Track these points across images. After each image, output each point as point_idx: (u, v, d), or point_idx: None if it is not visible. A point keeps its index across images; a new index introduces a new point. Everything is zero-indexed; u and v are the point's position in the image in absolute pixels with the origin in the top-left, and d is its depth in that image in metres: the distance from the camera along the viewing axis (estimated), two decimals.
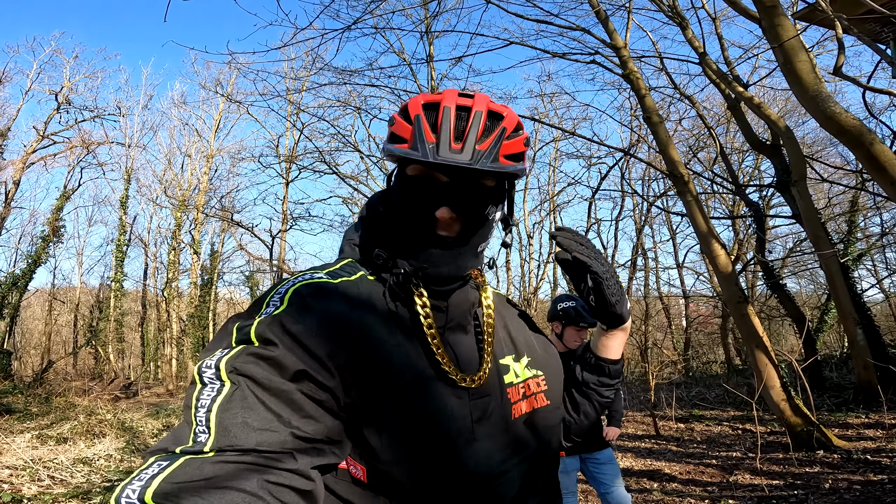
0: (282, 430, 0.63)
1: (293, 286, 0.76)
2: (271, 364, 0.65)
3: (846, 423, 6.54)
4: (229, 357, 0.66)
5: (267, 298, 0.75)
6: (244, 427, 0.61)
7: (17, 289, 15.89)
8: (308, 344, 0.68)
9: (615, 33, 6.92)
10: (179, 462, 0.58)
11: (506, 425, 0.85)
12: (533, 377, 0.95)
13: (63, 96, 18.59)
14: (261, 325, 0.69)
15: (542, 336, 1.07)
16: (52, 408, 9.40)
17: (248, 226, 18.80)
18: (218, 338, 0.71)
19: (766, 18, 4.03)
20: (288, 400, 0.65)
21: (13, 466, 4.90)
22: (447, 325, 0.85)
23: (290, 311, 0.71)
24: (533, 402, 0.92)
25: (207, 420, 0.61)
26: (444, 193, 0.81)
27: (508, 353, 0.95)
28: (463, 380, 0.81)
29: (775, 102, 12.96)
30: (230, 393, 0.63)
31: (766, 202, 13.10)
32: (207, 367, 0.66)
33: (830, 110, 3.62)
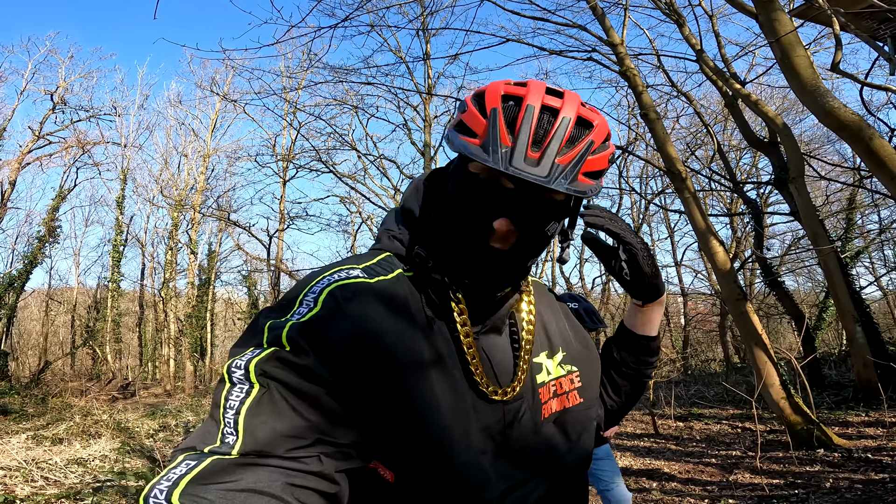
0: (309, 435, 0.62)
1: (328, 287, 0.72)
2: (302, 371, 0.64)
3: (846, 422, 6.52)
4: (259, 359, 0.64)
5: (300, 295, 0.72)
6: (272, 432, 0.60)
7: (13, 289, 15.83)
8: (341, 353, 0.66)
9: (612, 30, 6.89)
10: (207, 462, 0.58)
11: (535, 427, 0.82)
12: (566, 374, 0.91)
13: (58, 96, 18.53)
14: (293, 329, 0.66)
15: (579, 327, 1.01)
16: (48, 408, 9.37)
17: (246, 225, 18.80)
18: (248, 334, 0.69)
19: (763, 13, 4.00)
20: (317, 405, 0.64)
21: (7, 467, 4.87)
22: (482, 329, 0.81)
23: (324, 315, 0.68)
24: (564, 400, 0.88)
25: (236, 422, 0.61)
26: (506, 202, 0.72)
27: (542, 349, 0.90)
28: (495, 392, 0.77)
29: (772, 100, 12.94)
30: (259, 396, 0.62)
31: (763, 199, 13.09)
32: (237, 366, 0.65)
33: (829, 105, 3.59)
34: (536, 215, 0.74)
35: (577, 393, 0.91)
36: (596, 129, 0.74)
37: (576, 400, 0.90)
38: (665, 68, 8.81)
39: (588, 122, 0.74)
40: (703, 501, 4.44)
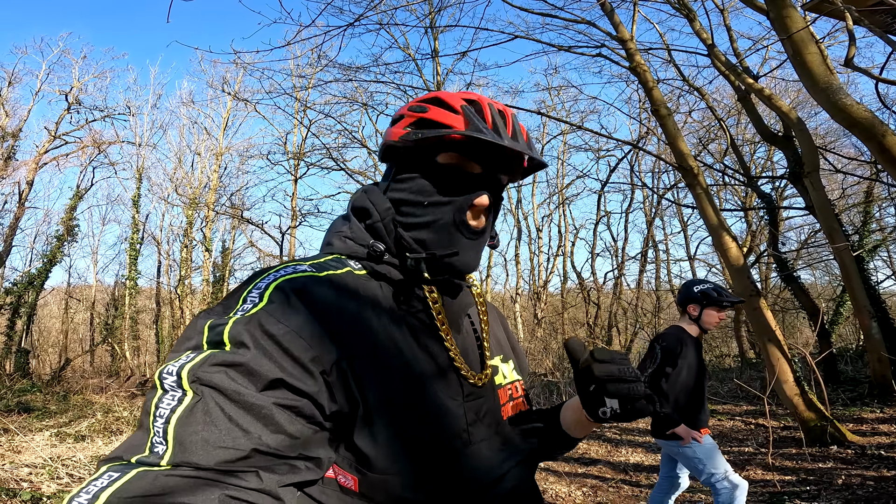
0: (247, 446, 0.57)
1: (275, 280, 0.69)
2: (242, 372, 0.60)
3: (860, 418, 6.47)
4: (193, 364, 0.60)
5: (244, 293, 0.68)
6: (204, 444, 0.56)
7: (33, 288, 16.12)
8: (290, 347, 0.62)
9: (621, 25, 6.86)
10: (132, 474, 0.53)
11: (497, 427, 0.83)
12: (518, 380, 0.95)
13: (73, 96, 18.76)
14: (236, 325, 0.62)
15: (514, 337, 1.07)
16: (70, 406, 9.56)
17: (258, 223, 18.94)
18: (186, 336, 0.65)
19: (773, 10, 3.98)
20: (257, 413, 0.59)
21: (32, 465, 5.00)
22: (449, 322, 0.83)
23: (271, 308, 0.65)
24: (518, 405, 0.92)
25: (165, 432, 0.57)
26: (479, 182, 0.81)
27: (497, 353, 0.93)
28: (473, 375, 0.80)
29: (786, 94, 12.79)
30: (191, 405, 0.58)
31: (778, 193, 12.96)
32: (169, 372, 0.60)
33: (841, 102, 3.57)
34: (499, 192, 0.84)
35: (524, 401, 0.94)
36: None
37: (525, 406, 0.94)
38: (676, 63, 8.74)
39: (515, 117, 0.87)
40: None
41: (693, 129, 13.33)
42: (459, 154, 0.81)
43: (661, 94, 6.83)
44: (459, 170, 0.81)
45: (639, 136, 14.67)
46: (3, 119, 17.60)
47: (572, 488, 4.89)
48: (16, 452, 5.66)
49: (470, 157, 0.81)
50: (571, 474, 5.46)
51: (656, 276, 18.00)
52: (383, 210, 0.82)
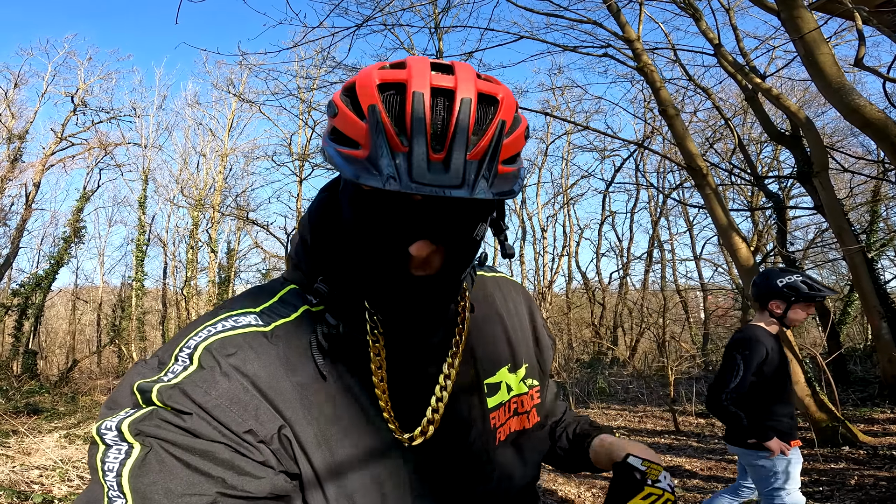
0: (212, 490, 0.54)
1: (207, 340, 0.62)
2: (185, 430, 0.56)
3: (871, 419, 6.45)
4: (133, 419, 0.56)
5: (176, 350, 0.62)
6: (167, 493, 0.53)
7: (40, 289, 16.19)
8: (221, 418, 0.57)
9: (627, 25, 6.84)
10: None
11: (487, 455, 0.75)
12: (528, 391, 0.84)
13: (79, 98, 18.83)
14: (161, 394, 0.57)
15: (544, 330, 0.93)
16: (78, 407, 9.61)
17: (264, 224, 19.01)
18: (122, 392, 0.60)
19: (784, 10, 3.96)
20: (214, 458, 0.55)
21: (43, 466, 5.02)
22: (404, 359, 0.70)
23: (198, 377, 0.59)
24: (524, 420, 0.82)
25: (120, 485, 0.53)
26: (419, 220, 0.58)
27: (504, 363, 0.81)
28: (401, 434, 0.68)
29: (793, 93, 12.74)
30: (142, 456, 0.54)
31: (785, 193, 12.90)
32: (108, 428, 0.56)
33: (855, 103, 3.55)
34: (459, 224, 0.60)
35: (536, 411, 0.85)
36: (503, 104, 0.59)
37: (535, 419, 0.85)
38: (682, 62, 8.71)
39: (492, 98, 0.59)
40: None
41: (699, 129, 13.29)
42: None
43: (668, 94, 6.81)
44: (393, 199, 0.58)
45: (644, 135, 14.64)
46: (9, 121, 17.69)
47: (581, 489, 4.88)
48: (25, 454, 5.68)
49: None
50: (581, 475, 5.45)
51: (662, 276, 17.96)
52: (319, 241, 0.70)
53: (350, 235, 0.64)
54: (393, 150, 0.54)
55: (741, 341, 2.69)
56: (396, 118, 0.55)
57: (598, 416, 8.55)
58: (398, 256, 0.60)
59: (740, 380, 2.60)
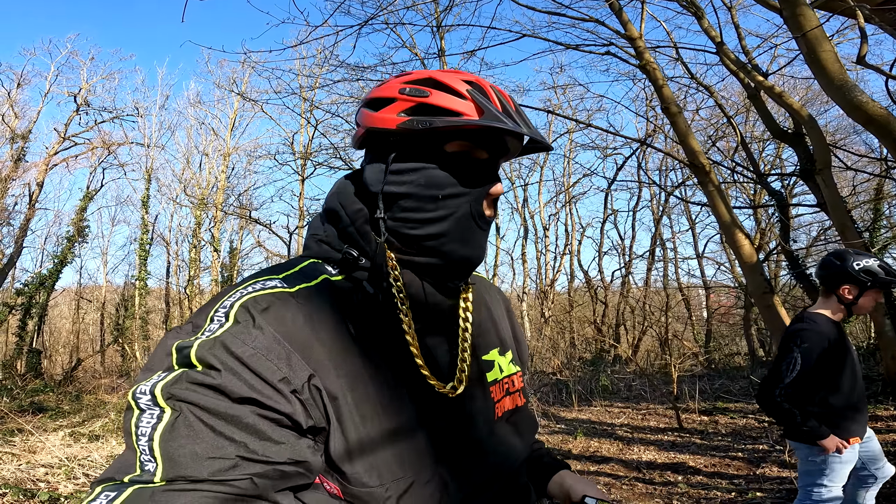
0: (234, 454, 0.57)
1: (241, 299, 0.67)
2: (215, 391, 0.59)
3: (875, 416, 6.44)
4: (166, 382, 0.60)
5: (211, 312, 0.67)
6: (194, 457, 0.56)
7: (44, 289, 16.25)
8: (257, 368, 0.61)
9: (629, 24, 6.85)
10: (127, 493, 0.53)
11: (490, 426, 0.81)
12: (516, 373, 0.92)
13: (82, 98, 18.89)
14: (201, 347, 0.61)
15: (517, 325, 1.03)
16: (83, 405, 9.64)
17: (266, 223, 19.03)
18: (157, 356, 0.64)
19: (787, 8, 3.96)
20: (238, 423, 0.59)
21: (48, 465, 5.05)
22: (427, 326, 0.79)
23: (236, 330, 0.64)
24: (516, 398, 0.89)
25: (151, 449, 0.56)
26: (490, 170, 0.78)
27: (494, 346, 0.89)
28: (442, 386, 0.75)
29: (796, 91, 12.72)
30: (172, 420, 0.57)
31: (788, 190, 12.89)
32: (142, 392, 0.60)
33: (857, 100, 3.56)
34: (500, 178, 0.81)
35: (521, 393, 0.92)
36: None
37: (522, 400, 0.91)
38: (684, 60, 8.71)
39: None
40: (730, 494, 4.45)
41: (701, 127, 13.28)
42: (470, 142, 0.76)
43: (670, 91, 6.82)
44: (470, 158, 0.77)
45: (646, 133, 14.63)
46: (12, 121, 17.75)
47: None
48: (31, 452, 5.71)
49: (479, 144, 0.76)
50: (583, 472, 5.46)
51: (664, 275, 17.94)
52: (353, 212, 0.78)
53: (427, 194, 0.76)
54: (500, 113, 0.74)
55: (799, 332, 2.48)
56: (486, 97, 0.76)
57: (601, 413, 8.56)
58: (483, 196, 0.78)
59: (797, 375, 2.41)
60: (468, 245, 0.77)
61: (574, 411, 8.75)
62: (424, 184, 0.75)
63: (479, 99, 0.74)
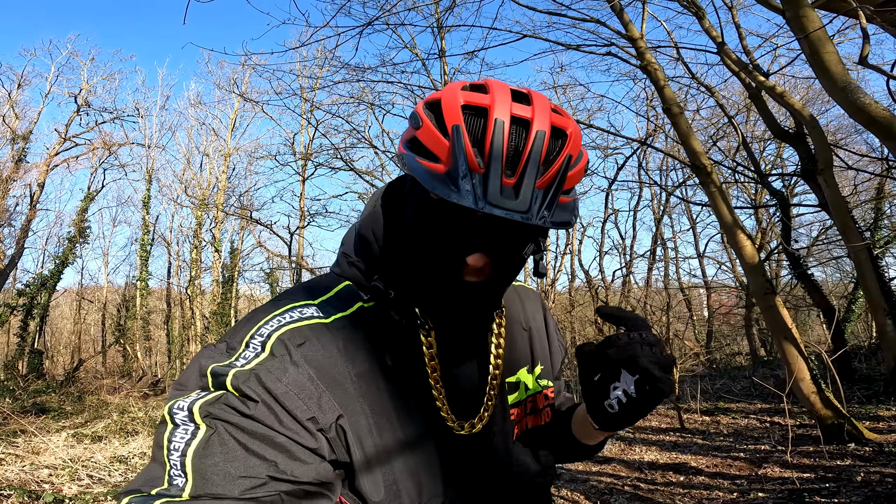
0: (265, 473, 0.58)
1: (278, 330, 0.67)
2: (250, 417, 0.60)
3: (877, 416, 6.45)
4: (205, 401, 0.60)
5: (247, 337, 0.67)
6: (225, 475, 0.56)
7: (45, 289, 16.27)
8: (288, 406, 0.62)
9: (630, 24, 6.84)
10: None
11: (507, 449, 0.80)
12: (542, 390, 0.88)
13: (82, 98, 18.91)
14: (237, 378, 0.61)
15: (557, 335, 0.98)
16: (85, 406, 9.67)
17: (267, 223, 19.03)
18: (192, 375, 0.65)
19: (790, 9, 3.96)
20: (271, 443, 0.60)
21: (52, 466, 5.07)
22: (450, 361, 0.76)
23: (272, 365, 0.63)
24: (538, 418, 0.87)
25: (183, 465, 0.57)
26: (479, 234, 0.63)
27: (523, 364, 0.86)
28: (461, 427, 0.74)
29: (797, 90, 12.71)
30: (206, 437, 0.58)
31: (789, 190, 12.89)
32: (179, 408, 0.61)
33: (860, 101, 3.55)
34: (512, 242, 0.66)
35: (550, 409, 0.89)
36: (571, 138, 0.64)
37: (548, 416, 0.89)
38: (685, 60, 8.71)
39: (562, 132, 0.64)
40: (731, 495, 4.45)
41: (702, 127, 13.28)
42: None
43: (672, 92, 6.81)
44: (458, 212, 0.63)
45: (647, 133, 14.62)
46: (13, 121, 17.76)
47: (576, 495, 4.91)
48: (34, 454, 5.72)
49: None
50: (585, 472, 5.47)
51: (665, 274, 17.95)
52: (383, 246, 0.74)
53: (410, 237, 0.69)
54: (470, 170, 0.59)
55: None
56: (477, 140, 0.61)
57: None
58: (455, 263, 0.65)
59: None
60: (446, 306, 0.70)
61: None
62: (411, 225, 0.69)
63: (457, 145, 0.60)
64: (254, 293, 23.82)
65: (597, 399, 0.72)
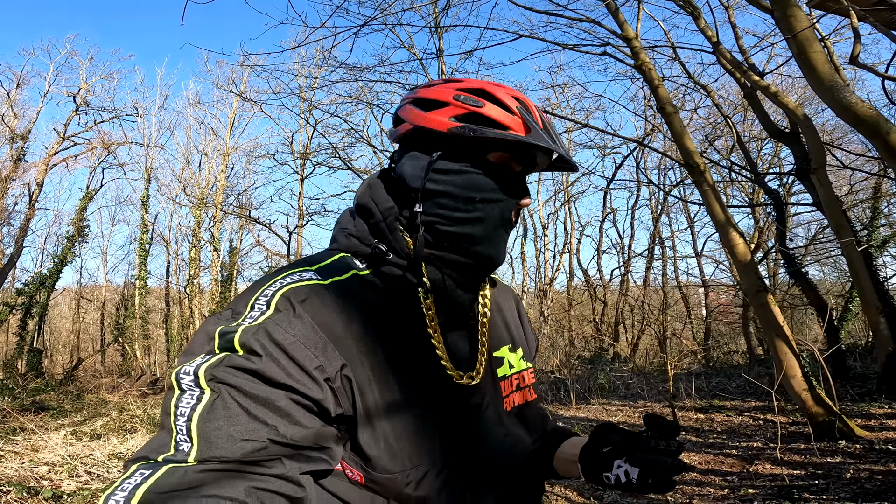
0: (266, 437, 0.61)
1: (281, 289, 0.72)
2: (255, 375, 0.63)
3: (869, 413, 6.49)
4: (209, 365, 0.63)
5: (252, 300, 0.71)
6: (228, 438, 0.59)
7: (44, 288, 16.29)
8: (296, 356, 0.65)
9: (626, 24, 6.88)
10: (162, 471, 0.56)
11: (499, 419, 0.85)
12: (526, 369, 0.96)
13: (81, 98, 18.91)
14: (245, 333, 0.65)
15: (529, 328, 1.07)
16: (84, 405, 9.69)
17: (266, 222, 19.08)
18: (198, 340, 0.68)
19: (778, 9, 4.01)
20: (273, 407, 0.63)
21: (51, 463, 5.11)
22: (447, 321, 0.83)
23: (278, 318, 0.68)
24: (526, 394, 0.93)
25: (188, 429, 0.60)
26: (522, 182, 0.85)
27: (505, 343, 0.93)
28: (461, 377, 0.80)
29: (793, 90, 12.75)
30: (210, 401, 0.61)
31: (786, 189, 12.92)
32: (186, 373, 0.64)
33: (847, 100, 3.60)
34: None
35: (533, 388, 0.96)
36: None
37: (532, 395, 0.95)
38: (681, 60, 8.75)
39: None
40: (723, 491, 4.50)
41: (699, 126, 13.33)
42: (509, 154, 0.82)
43: (666, 91, 6.85)
44: (507, 169, 0.83)
45: (644, 132, 14.67)
46: (12, 121, 17.79)
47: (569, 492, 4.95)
48: (34, 451, 5.76)
49: (516, 158, 0.83)
50: None
51: (663, 273, 17.99)
52: (385, 209, 0.82)
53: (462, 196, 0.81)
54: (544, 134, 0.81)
55: None
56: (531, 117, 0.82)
57: (599, 411, 8.61)
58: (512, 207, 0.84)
59: None
60: (495, 247, 0.83)
61: (572, 409, 8.80)
62: (465, 185, 0.80)
63: (526, 117, 0.80)
64: None
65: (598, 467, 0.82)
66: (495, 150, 0.81)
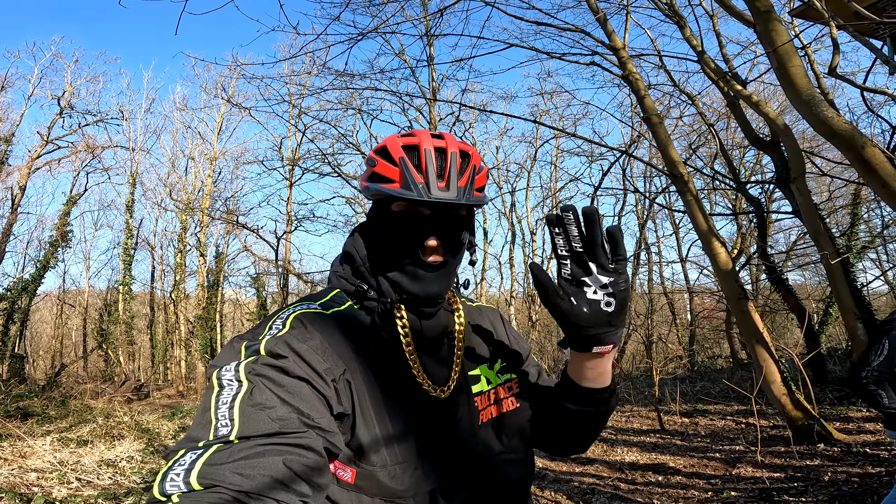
0: (296, 417, 0.73)
1: (294, 313, 0.88)
2: (281, 370, 0.77)
3: (847, 417, 6.66)
4: (247, 363, 0.77)
5: (270, 323, 0.87)
6: (266, 418, 0.71)
7: (26, 293, 16.09)
8: (309, 360, 0.80)
9: (614, 34, 7.03)
10: (213, 449, 0.66)
11: (472, 430, 0.95)
12: (504, 382, 1.04)
13: (65, 101, 18.75)
14: (269, 342, 0.80)
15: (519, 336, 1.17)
16: (69, 411, 9.58)
17: (254, 228, 18.96)
18: (226, 354, 0.82)
19: (760, 23, 4.14)
20: (298, 394, 0.75)
21: (40, 469, 5.07)
22: (423, 345, 0.96)
23: (293, 333, 0.84)
24: (501, 406, 1.01)
25: (231, 415, 0.71)
26: (429, 225, 0.92)
27: (482, 362, 1.03)
28: (434, 390, 0.92)
29: (775, 97, 13.02)
30: (249, 389, 0.74)
31: (768, 196, 13.17)
32: (227, 370, 0.77)
33: (823, 114, 3.73)
34: (452, 229, 0.94)
35: (514, 398, 1.04)
36: (473, 155, 0.95)
37: (513, 405, 1.03)
38: (667, 68, 8.93)
39: (466, 153, 0.95)
40: (706, 494, 4.60)
41: (683, 133, 13.54)
42: (409, 202, 0.91)
43: (652, 102, 7.00)
44: (412, 214, 0.92)
45: (630, 140, 14.87)
46: None
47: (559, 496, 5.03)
48: (22, 457, 5.72)
49: (416, 203, 0.91)
50: (568, 473, 5.60)
51: (649, 279, 18.24)
52: (363, 256, 0.99)
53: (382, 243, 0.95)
54: (416, 181, 0.89)
55: (891, 321, 2.66)
56: (417, 164, 0.91)
57: None
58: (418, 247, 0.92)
59: (884, 359, 2.55)
60: (419, 285, 0.93)
61: None
62: (380, 238, 0.96)
63: (404, 168, 0.89)
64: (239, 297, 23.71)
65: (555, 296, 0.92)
66: (395, 201, 0.93)
